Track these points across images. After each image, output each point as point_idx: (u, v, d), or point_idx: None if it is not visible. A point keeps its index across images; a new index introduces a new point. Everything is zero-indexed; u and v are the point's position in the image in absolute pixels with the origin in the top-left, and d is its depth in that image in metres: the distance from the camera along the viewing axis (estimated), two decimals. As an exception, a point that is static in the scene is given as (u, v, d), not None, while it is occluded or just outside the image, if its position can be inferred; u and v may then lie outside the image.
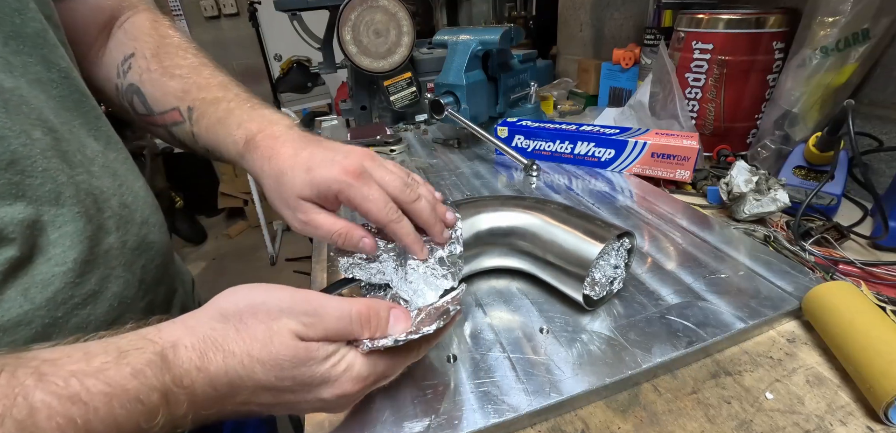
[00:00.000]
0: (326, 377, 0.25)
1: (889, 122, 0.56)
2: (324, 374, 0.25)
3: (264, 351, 0.23)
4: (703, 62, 0.67)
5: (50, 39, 0.32)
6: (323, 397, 0.25)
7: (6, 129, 0.26)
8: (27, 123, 0.28)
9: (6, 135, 0.26)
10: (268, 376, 0.23)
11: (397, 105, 0.95)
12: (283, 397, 0.25)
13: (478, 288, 0.42)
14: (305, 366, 0.24)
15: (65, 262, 0.29)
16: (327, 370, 0.25)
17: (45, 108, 0.30)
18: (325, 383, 0.25)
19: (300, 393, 0.25)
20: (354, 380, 0.26)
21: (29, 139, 0.27)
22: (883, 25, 0.52)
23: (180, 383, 0.21)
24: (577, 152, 0.69)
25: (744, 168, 0.51)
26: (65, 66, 0.33)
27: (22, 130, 0.27)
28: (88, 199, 0.31)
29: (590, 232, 0.37)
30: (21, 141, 0.27)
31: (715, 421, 0.29)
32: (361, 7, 0.85)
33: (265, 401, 0.24)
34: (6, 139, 0.26)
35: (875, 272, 0.40)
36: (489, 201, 0.43)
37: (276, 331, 0.24)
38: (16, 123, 0.27)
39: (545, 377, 0.31)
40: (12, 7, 0.29)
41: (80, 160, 0.31)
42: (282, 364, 0.23)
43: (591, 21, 1.16)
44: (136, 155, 2.24)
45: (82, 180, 0.30)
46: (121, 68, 0.41)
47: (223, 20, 2.86)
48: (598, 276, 0.37)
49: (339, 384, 0.25)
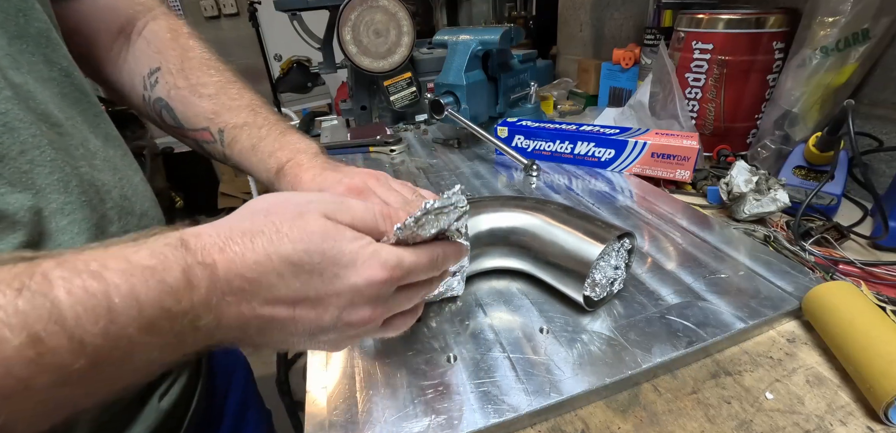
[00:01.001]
0: (355, 256, 0.24)
1: (889, 122, 0.56)
2: (352, 252, 0.24)
3: (294, 225, 0.23)
4: (703, 62, 0.67)
5: (53, 38, 0.33)
6: (353, 282, 0.24)
7: (17, 120, 0.27)
8: (35, 116, 0.28)
9: (17, 125, 0.27)
10: (296, 249, 0.22)
11: (397, 105, 0.95)
12: (310, 285, 0.23)
13: (478, 288, 0.42)
14: (335, 241, 0.24)
15: None
16: (356, 249, 0.24)
17: (49, 103, 0.31)
18: (354, 264, 0.24)
19: (328, 278, 0.24)
20: (382, 264, 0.25)
21: (38, 130, 0.28)
22: (883, 25, 0.52)
23: (202, 260, 0.21)
24: (577, 152, 0.69)
25: (744, 168, 0.51)
26: (65, 65, 0.33)
27: (32, 122, 0.28)
28: (91, 189, 0.31)
29: (590, 232, 0.37)
30: (31, 132, 0.27)
31: (715, 421, 0.29)
32: (361, 7, 0.85)
33: (290, 294, 0.23)
34: (17, 130, 0.27)
35: (875, 272, 0.40)
36: (489, 202, 0.43)
37: (307, 211, 0.24)
38: (26, 115, 0.28)
39: (545, 377, 0.31)
40: (17, 7, 0.30)
41: (82, 153, 0.32)
42: (311, 236, 0.23)
43: (591, 21, 1.16)
44: (137, 154, 2.23)
45: (85, 173, 0.31)
46: (147, 81, 0.43)
47: (223, 20, 2.86)
48: (599, 277, 0.37)
49: (367, 266, 0.24)
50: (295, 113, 2.46)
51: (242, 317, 0.22)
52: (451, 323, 0.38)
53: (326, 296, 0.24)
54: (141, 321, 0.19)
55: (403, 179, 0.68)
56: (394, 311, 0.28)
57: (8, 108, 0.27)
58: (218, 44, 3.20)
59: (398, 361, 0.34)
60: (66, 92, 0.33)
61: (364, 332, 0.27)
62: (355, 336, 0.27)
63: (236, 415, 0.50)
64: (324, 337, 0.26)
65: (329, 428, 0.29)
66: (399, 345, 0.36)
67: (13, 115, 0.27)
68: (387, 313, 0.27)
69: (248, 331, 0.23)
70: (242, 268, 0.22)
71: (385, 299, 0.26)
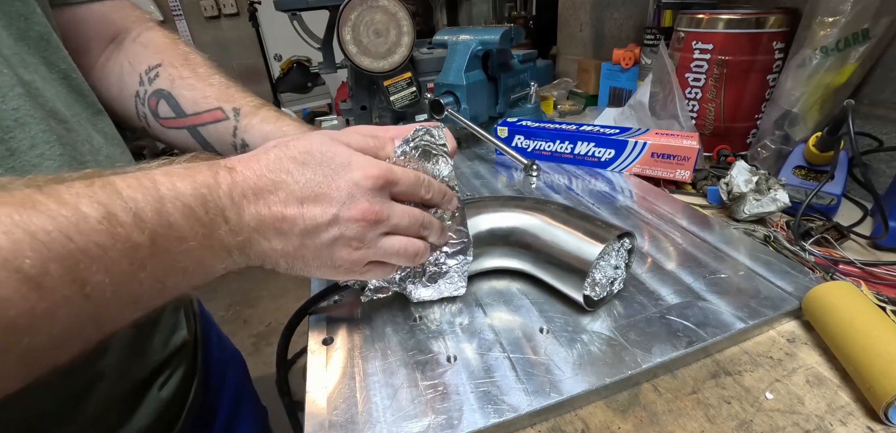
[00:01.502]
0: (351, 157, 0.28)
1: (889, 122, 0.56)
2: (349, 154, 0.28)
3: (300, 140, 0.28)
4: (703, 62, 0.67)
5: (53, 42, 0.34)
6: (350, 176, 0.28)
7: (28, 115, 0.28)
8: (44, 112, 0.30)
9: (27, 121, 0.28)
10: (301, 152, 0.28)
11: (397, 105, 0.94)
12: (314, 181, 0.27)
13: (478, 288, 0.42)
14: (333, 147, 0.28)
15: None
16: (351, 153, 0.29)
17: (56, 101, 0.32)
18: (350, 163, 0.28)
19: (329, 173, 0.28)
20: (375, 165, 0.29)
21: (47, 126, 0.29)
22: (883, 25, 0.52)
23: (225, 165, 0.26)
24: (577, 152, 0.69)
25: (744, 168, 0.51)
26: (64, 67, 0.34)
27: (42, 118, 0.29)
28: None
29: (590, 232, 0.37)
30: (40, 127, 0.29)
31: (715, 421, 0.29)
32: (361, 7, 0.85)
33: (298, 190, 0.27)
34: (27, 125, 0.28)
35: (875, 272, 0.40)
36: (489, 202, 0.43)
37: (311, 135, 0.30)
38: (36, 111, 0.29)
39: (545, 377, 0.31)
40: (19, 12, 0.31)
41: (87, 149, 0.33)
42: (313, 143, 0.28)
43: (591, 21, 1.16)
44: (137, 154, 2.23)
45: (91, 166, 0.32)
46: (146, 76, 0.44)
47: (223, 20, 2.87)
48: (599, 277, 0.37)
49: (362, 165, 0.28)
50: (295, 113, 2.46)
51: (260, 216, 0.26)
52: (451, 323, 0.38)
53: (328, 190, 0.28)
54: (183, 205, 0.23)
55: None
56: (391, 224, 0.30)
57: (19, 105, 0.28)
58: (218, 44, 3.21)
59: (398, 361, 0.34)
60: (66, 90, 0.34)
61: (363, 239, 0.29)
62: (356, 241, 0.29)
63: (231, 408, 0.51)
64: (330, 236, 0.28)
65: (329, 428, 0.29)
66: (399, 345, 0.36)
67: (24, 111, 0.28)
68: (385, 216, 0.29)
69: (266, 235, 0.27)
70: (257, 169, 0.26)
71: (382, 200, 0.29)
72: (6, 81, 0.28)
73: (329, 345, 0.36)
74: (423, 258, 0.34)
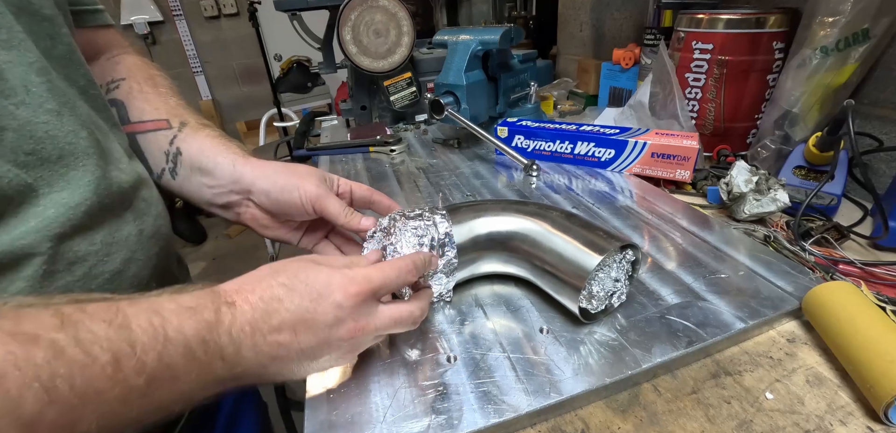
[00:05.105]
0: (329, 280, 0.29)
1: (889, 122, 0.56)
2: (327, 278, 0.30)
3: (287, 268, 0.30)
4: (703, 62, 0.67)
5: (75, 59, 0.36)
6: (332, 301, 0.29)
7: (57, 129, 0.31)
8: (77, 123, 0.32)
9: (57, 134, 0.30)
10: (286, 274, 0.29)
11: (397, 105, 0.95)
12: (303, 308, 0.28)
13: (478, 289, 0.42)
14: (313, 271, 0.30)
15: (94, 242, 0.33)
16: (328, 275, 0.30)
17: (90, 113, 0.35)
18: (329, 286, 0.29)
19: (314, 301, 0.29)
20: (351, 281, 0.30)
21: (76, 137, 0.32)
22: (883, 25, 0.52)
23: (226, 300, 0.27)
24: (577, 152, 0.69)
25: (744, 168, 0.51)
26: (84, 83, 0.37)
27: (70, 130, 0.31)
28: (119, 192, 0.35)
29: (589, 242, 0.35)
30: (68, 140, 0.31)
31: (715, 421, 0.29)
32: (361, 7, 0.85)
33: (289, 317, 0.28)
34: (56, 138, 0.30)
35: (875, 272, 0.40)
36: (490, 205, 0.43)
37: (299, 259, 0.32)
38: (66, 124, 0.31)
39: (545, 377, 0.31)
40: (47, 32, 0.33)
41: (114, 158, 0.36)
42: (295, 267, 0.30)
43: (591, 21, 1.16)
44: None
45: (115, 174, 0.35)
46: (105, 87, 0.45)
47: (223, 20, 2.87)
48: (596, 289, 0.35)
49: (340, 287, 0.29)
50: (295, 113, 2.46)
51: (257, 347, 0.27)
52: (451, 323, 0.38)
53: (315, 315, 0.28)
54: (184, 347, 0.24)
55: (404, 179, 0.69)
56: (377, 333, 0.31)
57: (49, 119, 0.31)
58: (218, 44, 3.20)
59: (398, 361, 0.34)
60: (87, 107, 0.36)
61: (359, 343, 0.31)
62: (352, 349, 0.31)
63: (233, 405, 0.52)
64: (325, 356, 0.30)
65: (329, 428, 0.29)
66: (399, 345, 0.36)
67: (53, 124, 0.31)
68: (374, 325, 0.31)
69: (262, 361, 0.28)
70: (253, 300, 0.28)
71: (367, 313, 0.30)
72: (41, 93, 0.30)
73: (329, 346, 0.36)
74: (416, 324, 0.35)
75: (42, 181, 0.30)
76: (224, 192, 0.43)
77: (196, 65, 2.89)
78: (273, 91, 2.34)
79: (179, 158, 0.44)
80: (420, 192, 0.64)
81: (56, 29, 0.34)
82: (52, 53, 0.33)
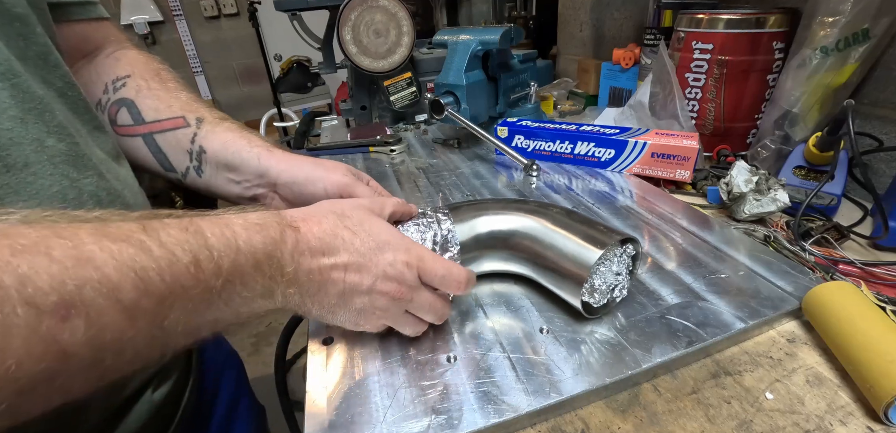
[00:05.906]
0: (390, 238, 0.33)
1: (889, 122, 0.56)
2: (389, 236, 0.33)
3: (350, 209, 0.34)
4: (703, 62, 0.67)
5: (51, 60, 0.34)
6: (387, 257, 0.32)
7: (21, 136, 0.29)
8: (43, 130, 0.31)
9: (21, 141, 0.29)
10: (353, 220, 0.32)
11: (397, 105, 0.94)
12: (359, 254, 0.31)
13: (478, 289, 0.42)
14: (377, 224, 0.33)
15: None
16: (390, 235, 0.33)
17: (69, 116, 0.33)
18: (389, 244, 0.32)
19: (371, 253, 0.31)
20: (407, 250, 0.33)
21: (41, 145, 0.30)
22: (883, 25, 0.52)
23: (291, 224, 0.30)
24: (577, 152, 0.69)
25: (744, 168, 0.51)
26: (61, 85, 0.35)
27: (35, 138, 0.30)
28: (91, 200, 0.33)
29: (590, 237, 0.36)
30: (33, 147, 0.30)
31: (715, 421, 0.29)
32: (361, 7, 0.85)
33: (344, 259, 0.30)
34: (21, 144, 0.29)
35: (875, 272, 0.40)
36: (490, 204, 0.43)
37: (359, 205, 0.35)
38: (32, 131, 0.30)
39: (545, 377, 0.31)
40: (18, 31, 0.32)
41: (89, 165, 0.33)
42: (361, 213, 0.33)
43: (591, 21, 1.16)
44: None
45: (89, 182, 0.33)
46: (111, 85, 0.44)
47: (223, 20, 2.87)
48: (598, 283, 0.36)
49: (399, 249, 0.32)
50: (295, 113, 2.46)
51: (311, 270, 0.29)
52: (451, 323, 0.38)
53: (368, 263, 0.31)
54: (253, 258, 0.26)
55: (404, 179, 0.69)
56: (413, 304, 0.33)
57: (13, 126, 0.29)
58: (218, 44, 3.20)
59: (398, 361, 0.34)
60: (65, 109, 0.34)
61: (387, 310, 0.33)
62: (384, 313, 0.33)
63: (227, 409, 0.51)
64: (359, 303, 0.32)
65: (329, 428, 0.29)
66: (399, 345, 0.36)
67: (17, 131, 0.29)
68: (408, 298, 0.33)
69: (310, 290, 0.30)
70: (318, 232, 0.30)
71: (408, 284, 0.32)
72: (3, 99, 0.29)
73: (329, 346, 0.36)
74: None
75: (8, 189, 0.28)
76: (251, 186, 0.44)
77: (196, 65, 2.89)
78: (273, 91, 2.34)
79: (204, 156, 0.43)
80: (420, 192, 0.64)
81: (29, 29, 0.32)
82: (26, 54, 0.32)
